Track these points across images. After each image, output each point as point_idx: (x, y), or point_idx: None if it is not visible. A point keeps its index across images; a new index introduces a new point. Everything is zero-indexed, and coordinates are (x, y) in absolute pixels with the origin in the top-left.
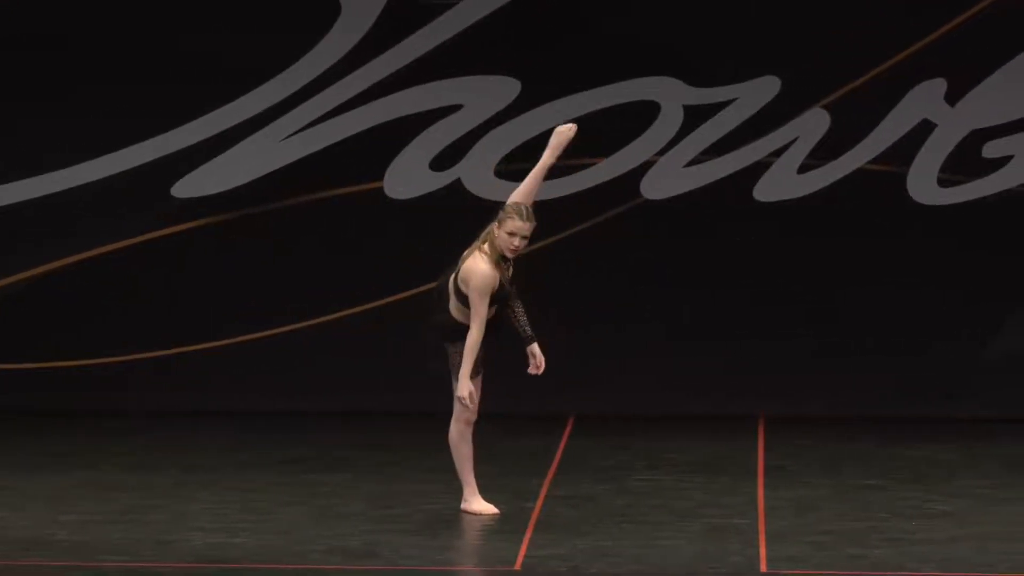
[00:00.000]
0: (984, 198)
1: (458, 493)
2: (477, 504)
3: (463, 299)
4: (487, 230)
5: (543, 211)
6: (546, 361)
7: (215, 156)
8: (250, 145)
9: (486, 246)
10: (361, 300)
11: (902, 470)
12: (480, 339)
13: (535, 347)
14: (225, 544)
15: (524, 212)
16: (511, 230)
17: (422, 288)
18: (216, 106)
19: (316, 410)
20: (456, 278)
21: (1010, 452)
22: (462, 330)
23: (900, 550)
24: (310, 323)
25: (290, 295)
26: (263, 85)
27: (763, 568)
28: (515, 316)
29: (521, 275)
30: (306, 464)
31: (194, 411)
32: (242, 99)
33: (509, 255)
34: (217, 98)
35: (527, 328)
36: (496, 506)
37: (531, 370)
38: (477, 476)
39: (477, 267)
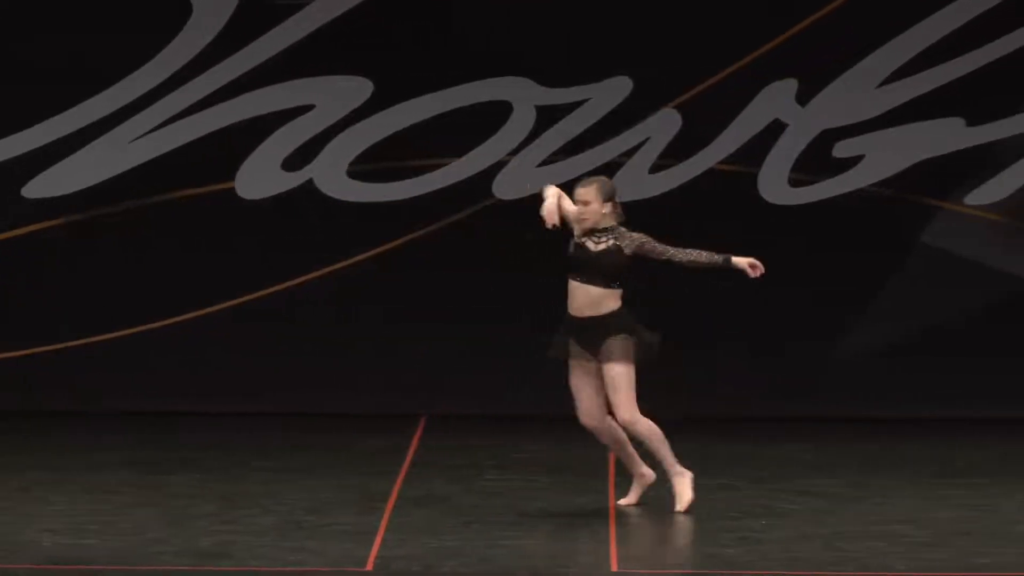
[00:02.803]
0: (834, 198)
1: (306, 494)
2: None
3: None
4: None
5: (394, 211)
6: (397, 361)
7: (67, 156)
8: (102, 145)
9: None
10: (214, 300)
11: (754, 469)
12: None
13: (739, 260)
14: (75, 546)
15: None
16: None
17: (274, 288)
18: (68, 106)
19: (166, 410)
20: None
21: (861, 452)
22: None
23: (750, 549)
24: (162, 323)
25: (143, 296)
26: (115, 85)
27: (614, 567)
28: (688, 260)
29: (374, 276)
30: (156, 465)
31: (44, 412)
32: (94, 99)
33: (577, 225)
34: (69, 98)
35: (710, 256)
36: (347, 506)
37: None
38: (330, 475)
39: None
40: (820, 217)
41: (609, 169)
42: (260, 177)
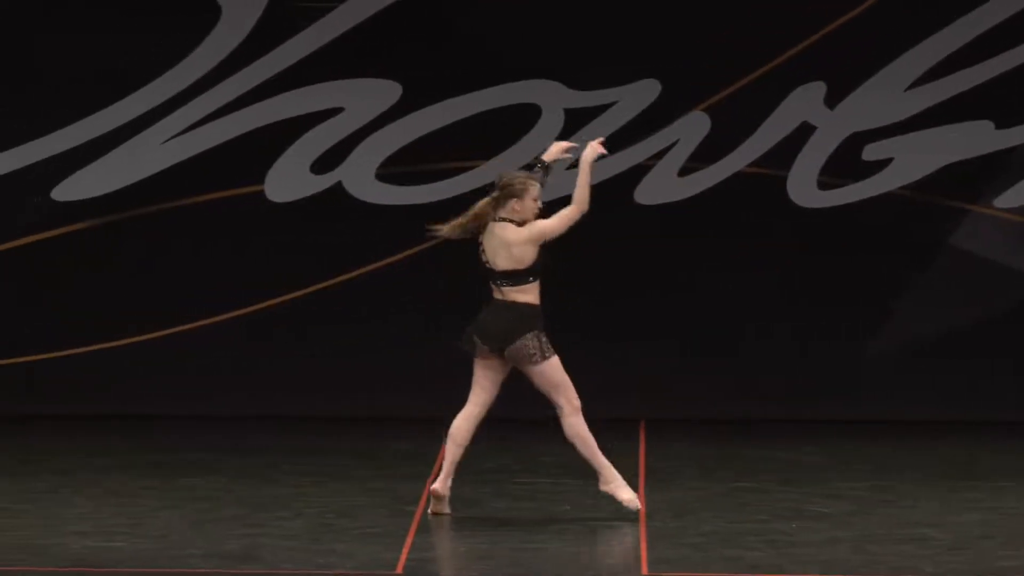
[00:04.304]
0: (863, 201)
1: (335, 497)
2: (623, 492)
3: (520, 277)
4: (486, 207)
5: (423, 215)
6: (427, 364)
7: (97, 159)
8: (131, 148)
9: (510, 220)
10: (243, 303)
11: (779, 472)
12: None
13: (546, 158)
14: (102, 548)
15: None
16: (535, 195)
17: (303, 291)
18: (97, 109)
19: (191, 414)
20: (501, 264)
21: (885, 454)
22: (533, 312)
23: (779, 551)
24: (192, 326)
25: (172, 298)
26: (144, 88)
27: (644, 570)
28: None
29: (404, 279)
30: (179, 468)
31: (64, 416)
32: (123, 102)
33: (532, 220)
34: (98, 101)
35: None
36: (376, 509)
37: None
38: (358, 478)
39: (526, 229)
40: (849, 220)
41: (638, 172)
42: (289, 180)
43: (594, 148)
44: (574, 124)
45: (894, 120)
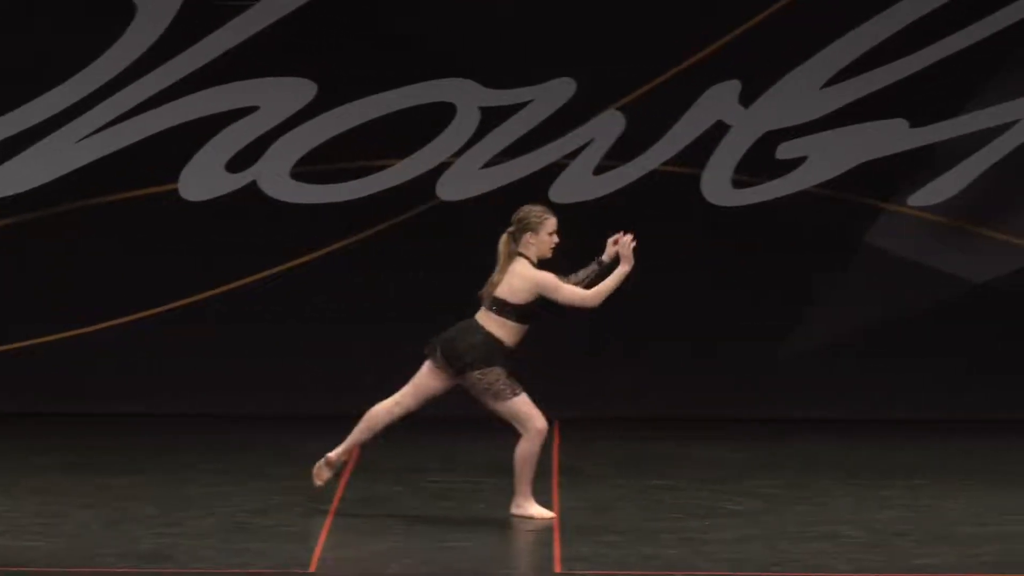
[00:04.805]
0: (777, 199)
1: (250, 496)
2: (534, 508)
3: (506, 309)
4: (508, 244)
5: (338, 213)
6: (342, 362)
7: (11, 157)
8: (46, 146)
9: (526, 256)
10: (157, 302)
11: (694, 470)
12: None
13: (607, 255)
14: (15, 547)
15: (550, 209)
16: (551, 230)
17: (217, 290)
18: (11, 108)
19: (108, 412)
20: (499, 290)
21: (800, 452)
22: (495, 349)
23: (693, 549)
24: (105, 325)
25: (85, 298)
26: (58, 86)
27: (557, 568)
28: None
29: (319, 277)
30: (96, 467)
31: None
32: (37, 100)
33: (550, 254)
34: (12, 99)
35: (588, 272)
36: (291, 508)
37: (622, 249)
38: (274, 477)
39: (536, 272)
40: (764, 218)
41: (552, 170)
42: (204, 179)
43: (625, 246)
44: (489, 123)
45: (808, 118)
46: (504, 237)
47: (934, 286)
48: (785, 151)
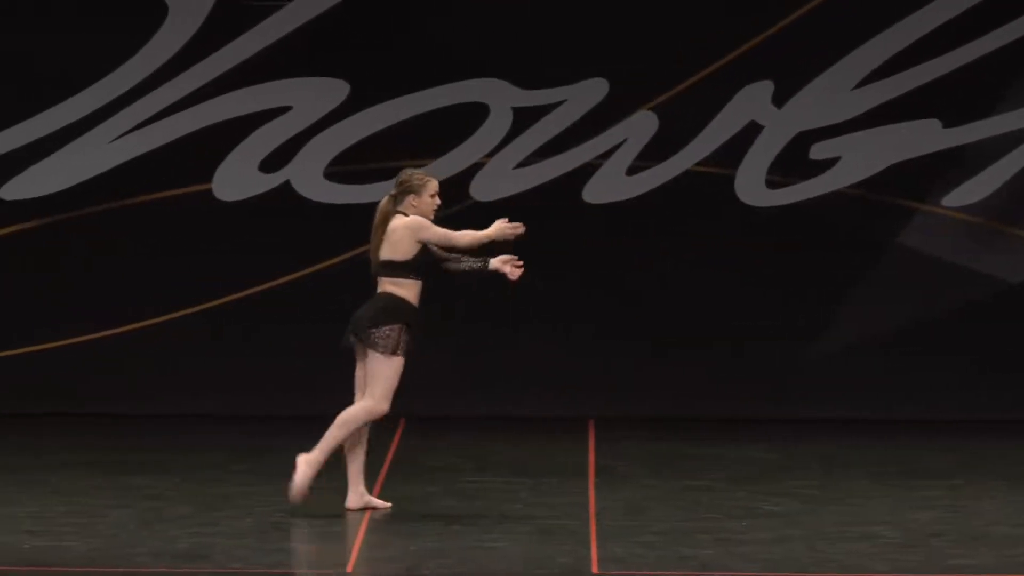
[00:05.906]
0: (811, 199)
1: (278, 498)
2: (301, 477)
3: (396, 268)
4: (388, 205)
5: (371, 213)
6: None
7: (44, 158)
8: (79, 147)
9: (409, 214)
10: (191, 302)
11: (728, 470)
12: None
13: (495, 261)
14: (52, 548)
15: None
16: (433, 191)
17: (251, 290)
18: (44, 108)
19: (141, 413)
20: (382, 253)
21: (835, 452)
22: (401, 307)
23: (730, 550)
24: (140, 325)
25: (120, 298)
26: (91, 87)
27: (594, 569)
28: (458, 266)
29: (349, 279)
30: (130, 467)
31: (15, 413)
32: (70, 101)
33: (432, 217)
34: (46, 100)
35: (473, 263)
36: (326, 509)
37: (511, 271)
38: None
39: (407, 218)
40: (796, 219)
41: (586, 171)
42: (237, 179)
43: (513, 228)
44: (522, 123)
45: (841, 119)
46: (385, 199)
47: (967, 286)
48: (818, 151)
